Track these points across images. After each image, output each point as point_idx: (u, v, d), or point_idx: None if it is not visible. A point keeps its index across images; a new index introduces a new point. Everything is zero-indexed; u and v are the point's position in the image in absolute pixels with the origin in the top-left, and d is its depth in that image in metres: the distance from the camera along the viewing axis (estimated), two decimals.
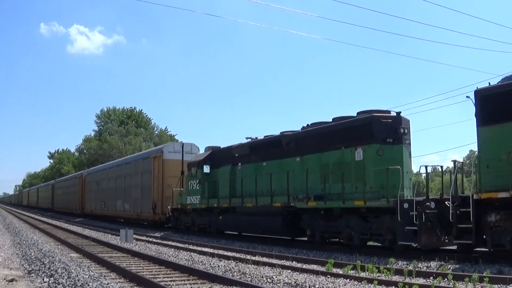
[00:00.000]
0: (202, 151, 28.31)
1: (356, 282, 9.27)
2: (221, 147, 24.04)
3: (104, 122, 75.42)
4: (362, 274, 10.05)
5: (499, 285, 8.54)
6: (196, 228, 24.06)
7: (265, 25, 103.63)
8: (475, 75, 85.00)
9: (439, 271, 10.22)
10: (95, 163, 58.45)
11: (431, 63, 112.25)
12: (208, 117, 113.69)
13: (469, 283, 8.55)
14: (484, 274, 9.00)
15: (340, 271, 10.62)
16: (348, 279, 9.57)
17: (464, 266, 11.15)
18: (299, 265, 12.04)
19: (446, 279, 8.96)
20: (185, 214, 25.27)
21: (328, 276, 10.11)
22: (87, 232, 25.06)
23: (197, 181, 23.56)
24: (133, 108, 76.17)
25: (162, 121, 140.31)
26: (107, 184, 38.10)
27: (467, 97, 40.62)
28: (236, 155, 21.39)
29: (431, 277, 9.60)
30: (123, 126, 70.64)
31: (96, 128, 76.71)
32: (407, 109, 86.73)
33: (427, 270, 10.69)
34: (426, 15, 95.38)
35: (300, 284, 8.94)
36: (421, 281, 9.33)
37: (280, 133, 19.45)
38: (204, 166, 23.16)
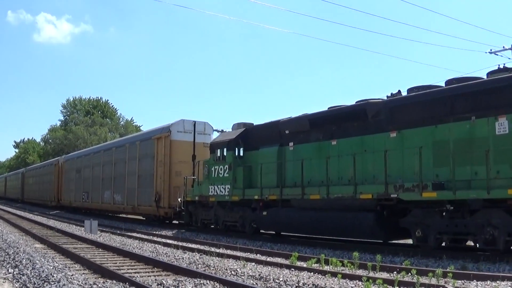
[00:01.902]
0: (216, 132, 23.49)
1: (320, 276, 9.15)
2: (254, 124, 19.07)
3: (70, 112, 74.71)
4: (326, 268, 9.93)
5: (462, 281, 8.31)
6: (221, 225, 19.01)
7: (234, 18, 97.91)
8: (445, 73, 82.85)
9: (403, 266, 9.80)
10: (60, 153, 56.93)
11: (402, 60, 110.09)
12: (174, 109, 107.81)
13: (432, 278, 8.39)
14: (448, 270, 8.82)
15: (304, 264, 10.45)
16: (312, 272, 9.45)
17: (428, 261, 10.97)
18: (263, 258, 11.96)
19: (410, 274, 8.77)
20: (204, 208, 20.19)
21: (292, 269, 10.00)
22: (51, 222, 24.20)
23: (226, 166, 18.50)
24: (99, 98, 75.78)
25: (128, 112, 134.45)
26: (91, 172, 32.34)
27: None
28: (287, 132, 16.45)
29: (395, 272, 9.21)
30: (89, 116, 70.36)
31: (62, 118, 75.93)
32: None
33: (391, 264, 10.43)
34: (397, 12, 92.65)
35: (264, 277, 8.88)
36: (385, 275, 9.11)
37: (357, 102, 14.70)
38: (236, 148, 18.22)
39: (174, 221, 25.30)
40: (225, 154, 18.71)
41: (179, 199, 21.95)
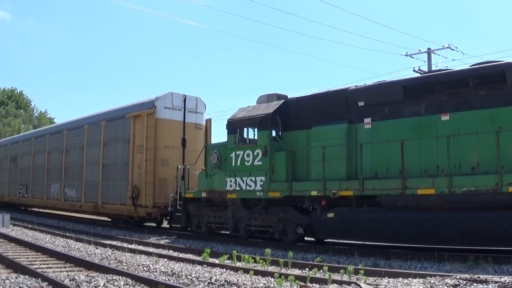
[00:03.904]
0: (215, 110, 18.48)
1: (232, 272, 9.03)
2: (292, 96, 14.35)
3: None
4: (238, 264, 9.88)
5: (374, 278, 8.21)
6: (242, 232, 14.12)
7: (151, 10, 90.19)
8: (359, 74, 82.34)
9: (315, 263, 9.83)
10: None
11: (317, 60, 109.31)
12: (89, 103, 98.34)
13: (344, 274, 8.34)
14: (360, 267, 8.75)
15: (216, 261, 10.31)
16: (224, 269, 9.36)
17: (339, 258, 10.99)
18: (175, 254, 11.84)
19: (321, 270, 8.86)
20: (213, 208, 15.18)
21: (205, 265, 9.85)
22: None
23: (257, 151, 13.59)
24: (13, 88, 71.37)
25: (42, 104, 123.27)
26: (31, 161, 25.66)
27: None
28: (361, 104, 11.93)
29: (307, 268, 9.28)
30: (3, 107, 66.59)
31: None
32: None
33: (303, 261, 10.29)
34: (312, 12, 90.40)
35: (177, 273, 8.78)
36: (297, 272, 9.11)
37: (476, 64, 10.59)
38: (273, 126, 13.44)
39: (148, 223, 19.98)
40: (255, 135, 13.85)
41: (171, 196, 16.72)
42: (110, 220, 20.84)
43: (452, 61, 26.43)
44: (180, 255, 11.38)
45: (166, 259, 10.73)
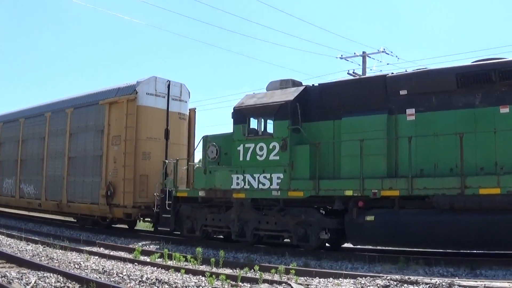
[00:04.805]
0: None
1: (163, 271, 9.01)
2: (311, 84, 12.76)
3: None
4: (170, 263, 9.89)
5: (305, 278, 8.30)
6: (249, 236, 12.37)
7: (89, 4, 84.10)
8: (293, 75, 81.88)
9: (246, 262, 10.00)
10: None
11: (252, 60, 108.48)
12: (29, 96, 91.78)
13: (275, 274, 8.37)
14: (290, 266, 8.77)
15: (147, 259, 10.31)
16: (156, 267, 9.32)
17: (271, 258, 11.16)
18: (106, 251, 11.86)
19: (253, 270, 8.97)
20: (211, 209, 13.31)
21: (136, 263, 9.80)
22: None
23: (273, 144, 11.88)
24: None
25: None
26: None
27: None
28: (403, 93, 10.53)
29: (238, 268, 9.25)
30: None
31: None
32: (226, 101, 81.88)
33: (234, 260, 10.55)
34: (248, 11, 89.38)
35: (108, 271, 8.74)
36: (228, 271, 9.08)
37: None
38: (292, 116, 11.79)
39: (118, 225, 17.74)
40: (271, 125, 12.15)
41: (155, 194, 14.66)
42: (75, 220, 18.33)
43: (386, 65, 26.50)
44: (111, 253, 11.37)
45: (97, 257, 10.67)
